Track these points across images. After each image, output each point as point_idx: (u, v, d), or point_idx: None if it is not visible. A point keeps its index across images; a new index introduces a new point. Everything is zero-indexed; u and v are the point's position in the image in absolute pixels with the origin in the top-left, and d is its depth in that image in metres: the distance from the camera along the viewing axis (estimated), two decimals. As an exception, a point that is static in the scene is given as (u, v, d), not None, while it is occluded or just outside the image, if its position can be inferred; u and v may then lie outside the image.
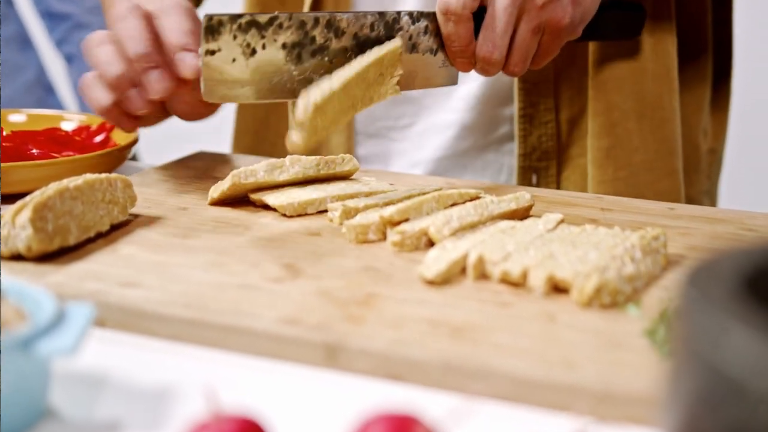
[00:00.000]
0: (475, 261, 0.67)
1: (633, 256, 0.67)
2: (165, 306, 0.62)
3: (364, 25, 0.80)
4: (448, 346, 0.57)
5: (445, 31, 0.83)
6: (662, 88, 1.01)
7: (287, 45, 0.77)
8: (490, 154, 1.06)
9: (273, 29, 0.76)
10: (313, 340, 0.58)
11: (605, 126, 0.99)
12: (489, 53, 0.82)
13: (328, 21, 0.78)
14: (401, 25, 0.81)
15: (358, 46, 0.79)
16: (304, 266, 0.69)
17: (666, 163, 1.02)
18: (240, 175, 0.77)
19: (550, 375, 0.53)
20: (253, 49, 0.75)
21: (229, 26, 0.74)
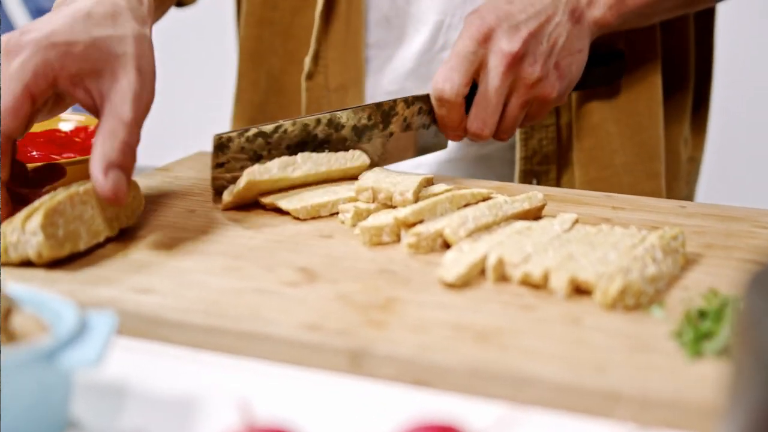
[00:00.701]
0: (495, 263, 0.66)
1: (654, 256, 0.66)
2: (182, 313, 0.61)
3: (362, 117, 0.85)
4: (475, 351, 0.56)
5: (439, 114, 0.88)
6: (638, 94, 1.01)
7: (291, 146, 0.81)
8: (492, 159, 1.06)
9: (278, 136, 0.80)
10: (337, 346, 0.57)
11: (586, 128, 1.00)
12: (480, 130, 0.88)
13: (329, 120, 0.83)
14: (396, 111, 0.86)
15: (357, 135, 0.85)
16: (319, 270, 0.68)
17: (646, 167, 1.02)
18: (254, 173, 0.76)
19: (583, 380, 0.53)
20: (260, 156, 0.80)
21: (237, 141, 0.78)
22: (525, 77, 0.85)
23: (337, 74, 1.03)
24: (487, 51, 0.84)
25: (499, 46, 0.84)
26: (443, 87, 0.85)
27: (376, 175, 0.81)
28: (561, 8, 0.87)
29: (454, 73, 0.84)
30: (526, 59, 0.84)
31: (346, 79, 1.03)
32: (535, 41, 0.85)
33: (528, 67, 0.85)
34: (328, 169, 0.80)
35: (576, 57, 0.88)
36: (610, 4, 0.89)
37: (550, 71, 0.86)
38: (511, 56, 0.84)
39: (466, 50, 0.84)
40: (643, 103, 1.01)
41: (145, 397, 0.54)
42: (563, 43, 0.86)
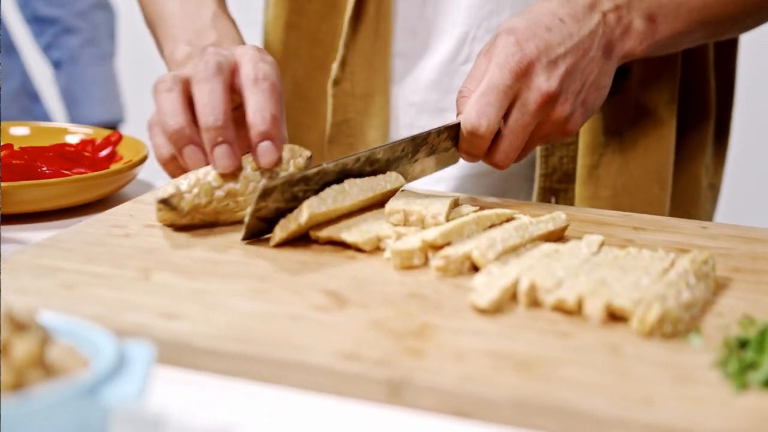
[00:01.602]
0: (527, 288, 0.65)
1: (687, 281, 0.65)
2: (214, 340, 0.59)
3: (396, 150, 0.82)
4: (518, 382, 0.55)
5: (467, 146, 0.84)
6: (646, 120, 1.00)
7: (325, 184, 0.77)
8: (511, 175, 1.04)
9: (318, 177, 0.77)
10: (376, 376, 0.56)
11: (590, 145, 0.99)
12: (501, 162, 0.85)
13: (367, 158, 0.80)
14: (428, 141, 0.84)
15: (387, 165, 0.82)
16: (348, 294, 0.66)
17: (647, 191, 1.01)
18: (313, 206, 0.73)
19: (631, 413, 0.52)
20: (295, 197, 0.76)
21: (281, 188, 0.74)
22: (554, 116, 0.83)
23: (364, 81, 1.02)
24: (522, 86, 0.81)
25: (536, 83, 0.81)
26: (479, 123, 0.81)
27: (406, 198, 0.80)
28: (597, 41, 0.84)
29: (490, 108, 0.81)
30: (559, 98, 0.83)
31: (372, 86, 1.02)
32: (570, 79, 0.83)
33: (559, 106, 0.83)
34: (373, 194, 0.79)
35: (601, 92, 0.86)
36: (642, 38, 0.87)
37: (577, 108, 0.85)
38: (547, 95, 0.81)
39: (504, 84, 0.81)
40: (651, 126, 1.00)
41: (182, 428, 0.52)
42: (593, 79, 0.85)
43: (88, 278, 0.68)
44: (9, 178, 0.87)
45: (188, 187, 0.76)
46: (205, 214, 0.78)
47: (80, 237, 0.76)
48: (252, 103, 0.78)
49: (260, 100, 0.78)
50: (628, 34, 0.86)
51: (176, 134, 0.77)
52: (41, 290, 0.66)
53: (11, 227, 0.86)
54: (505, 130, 0.83)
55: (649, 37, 0.87)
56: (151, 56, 1.10)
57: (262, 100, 0.78)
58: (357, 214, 0.79)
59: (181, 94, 0.78)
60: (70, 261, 0.71)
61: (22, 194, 0.85)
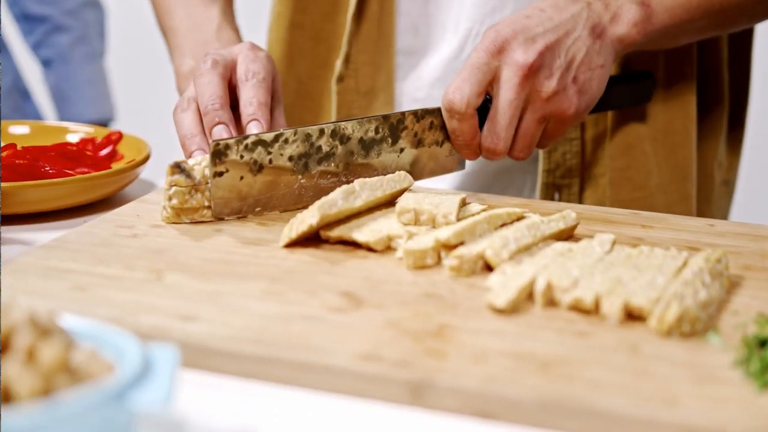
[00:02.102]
0: (544, 288, 0.65)
1: (703, 280, 0.65)
2: (233, 342, 0.59)
3: (369, 129, 0.83)
4: (541, 383, 0.54)
5: (450, 127, 0.86)
6: (674, 113, 1.00)
7: (294, 157, 0.80)
8: (514, 171, 1.04)
9: (279, 145, 0.79)
10: (398, 377, 0.55)
11: (621, 147, 0.99)
12: (494, 145, 0.85)
13: (333, 130, 0.81)
14: (405, 124, 0.84)
15: (364, 149, 0.83)
16: (363, 294, 0.66)
17: (680, 188, 1.02)
18: (324, 207, 0.73)
19: (656, 413, 0.52)
20: (260, 165, 0.78)
21: (235, 148, 0.77)
22: (540, 90, 0.83)
23: (368, 78, 1.02)
24: (501, 63, 0.82)
25: (513, 58, 0.82)
26: (453, 97, 0.82)
27: (415, 197, 0.79)
28: (581, 24, 0.85)
29: (464, 83, 0.82)
30: (541, 72, 0.82)
31: (376, 83, 1.02)
32: (551, 54, 0.83)
33: (544, 80, 0.83)
34: (383, 194, 0.78)
35: (596, 72, 0.86)
36: (635, 22, 0.87)
37: (567, 85, 0.84)
38: (525, 68, 0.82)
39: (479, 61, 0.82)
40: (679, 122, 1.00)
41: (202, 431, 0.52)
42: (582, 58, 0.84)
43: (99, 280, 0.68)
44: (12, 178, 0.86)
45: (198, 161, 0.79)
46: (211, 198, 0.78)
47: (87, 238, 0.76)
48: (243, 96, 0.86)
49: (249, 92, 0.86)
50: (618, 19, 0.86)
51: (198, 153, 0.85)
52: (52, 293, 0.65)
53: (13, 228, 0.85)
54: (491, 110, 0.84)
55: (646, 22, 0.87)
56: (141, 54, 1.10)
57: (252, 92, 0.86)
58: (366, 214, 0.79)
59: (195, 113, 0.86)
60: (79, 262, 0.71)
61: (26, 194, 0.84)
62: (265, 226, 0.80)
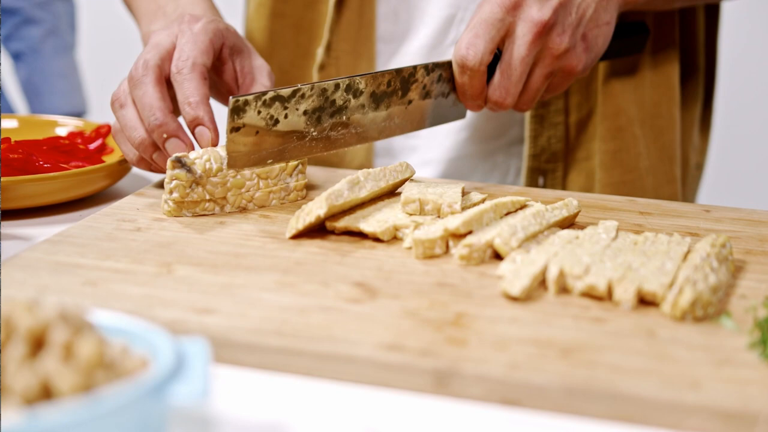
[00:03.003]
0: (557, 276, 0.65)
1: (711, 265, 0.66)
2: (254, 334, 0.59)
3: (382, 83, 0.83)
4: (564, 369, 0.55)
5: (460, 81, 0.85)
6: (660, 96, 1.02)
7: (308, 111, 0.79)
8: (499, 156, 1.05)
9: (295, 100, 0.78)
10: (423, 366, 0.55)
11: (612, 129, 1.00)
12: (502, 98, 0.86)
13: (347, 85, 0.81)
14: (416, 77, 0.84)
15: (374, 102, 0.83)
16: (376, 285, 0.66)
17: (667, 171, 1.03)
18: (331, 197, 0.73)
19: (680, 396, 0.52)
20: (276, 120, 0.78)
21: (253, 104, 0.76)
22: (552, 47, 0.83)
23: (348, 66, 1.01)
24: (515, 19, 0.82)
25: (529, 14, 0.82)
26: (466, 54, 0.82)
27: (418, 187, 0.80)
28: None
29: (478, 39, 0.82)
30: (554, 29, 0.83)
31: (356, 71, 1.02)
32: (564, 11, 0.83)
33: (556, 36, 0.83)
34: (386, 184, 0.79)
35: (603, 29, 0.87)
36: None
37: (577, 42, 0.84)
38: (541, 25, 0.82)
39: (493, 17, 0.82)
40: (665, 105, 1.01)
41: (229, 425, 0.52)
42: (591, 15, 0.85)
43: (109, 274, 0.67)
44: (7, 173, 0.85)
45: (199, 155, 0.78)
46: (214, 186, 0.78)
47: (91, 232, 0.75)
48: (178, 95, 0.82)
49: (183, 89, 0.82)
50: None
51: (141, 146, 0.82)
52: (64, 288, 0.65)
53: (9, 223, 0.84)
54: (501, 64, 0.84)
55: None
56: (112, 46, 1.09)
57: (184, 88, 0.82)
58: (369, 204, 0.79)
59: (134, 107, 0.83)
60: (86, 257, 0.70)
61: (22, 189, 0.83)
62: (268, 218, 0.80)
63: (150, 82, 0.81)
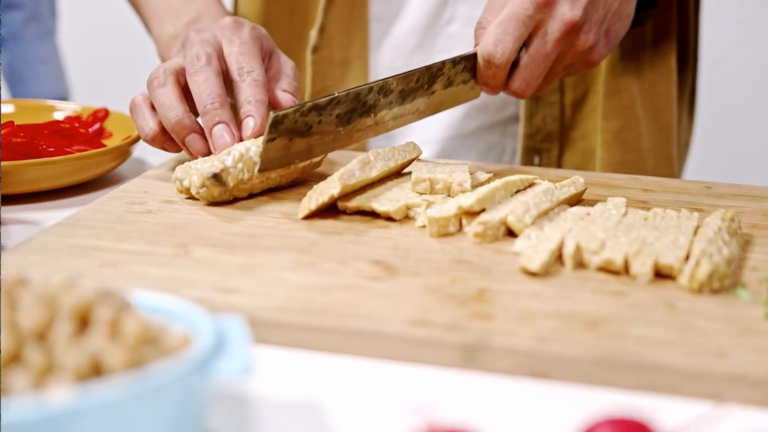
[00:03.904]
0: (573, 251, 0.66)
1: (723, 238, 0.67)
2: (281, 313, 0.59)
3: (411, 80, 0.83)
4: (592, 341, 0.56)
5: (484, 74, 0.85)
6: (659, 76, 1.03)
7: (341, 114, 0.80)
8: (495, 135, 1.06)
9: (330, 107, 0.79)
10: (452, 341, 0.56)
11: (616, 108, 1.01)
12: (521, 90, 0.86)
13: (380, 87, 0.81)
14: (443, 72, 0.84)
15: (401, 97, 0.83)
16: (395, 263, 0.67)
17: (665, 150, 1.04)
18: (344, 177, 0.73)
19: (708, 365, 0.54)
20: (310, 126, 0.78)
21: (291, 117, 0.77)
22: (578, 44, 0.83)
23: (342, 48, 1.01)
24: (545, 16, 0.81)
25: (560, 12, 0.81)
26: (494, 51, 0.82)
27: (426, 166, 0.80)
28: None
29: (507, 36, 0.81)
30: (582, 27, 0.82)
31: (350, 53, 1.02)
32: (593, 8, 0.83)
33: (583, 35, 0.83)
34: (395, 164, 0.79)
35: (624, 22, 0.87)
36: None
37: (600, 38, 0.85)
38: (571, 24, 0.81)
39: (524, 13, 0.81)
40: (663, 84, 1.02)
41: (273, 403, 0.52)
42: (615, 9, 0.85)
43: (127, 256, 0.67)
44: (10, 156, 0.84)
45: (233, 163, 0.77)
46: (240, 191, 0.78)
47: (102, 215, 0.75)
48: (241, 95, 0.82)
49: (246, 92, 0.82)
50: None
51: (177, 125, 0.81)
52: (84, 270, 0.64)
53: (13, 207, 0.83)
54: (525, 58, 0.84)
55: None
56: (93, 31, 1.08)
57: (249, 91, 0.82)
58: (379, 184, 0.80)
59: (174, 86, 0.83)
60: (101, 239, 0.70)
61: (27, 173, 0.82)
62: (278, 199, 0.80)
63: (213, 72, 0.82)
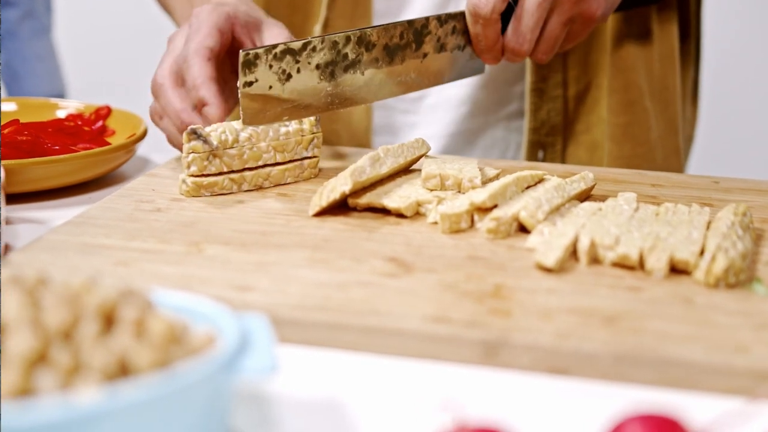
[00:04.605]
0: (588, 246, 0.66)
1: (736, 233, 0.67)
2: (298, 310, 0.58)
3: (394, 35, 0.82)
4: (611, 337, 0.56)
5: (474, 31, 0.84)
6: (666, 69, 1.03)
7: (321, 65, 0.79)
8: (499, 131, 1.06)
9: (307, 53, 0.78)
10: (472, 337, 0.56)
11: (623, 103, 1.01)
12: (518, 46, 0.84)
13: (359, 37, 0.81)
14: (429, 29, 0.84)
15: (389, 56, 0.82)
16: (409, 259, 0.66)
17: (672, 142, 1.04)
18: (355, 174, 0.73)
19: (730, 360, 0.53)
20: (289, 74, 0.78)
21: (264, 57, 0.76)
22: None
23: None
24: None
25: None
26: (478, 2, 0.81)
27: (436, 162, 0.80)
28: None
29: None
30: None
31: None
32: None
33: None
34: (404, 160, 0.79)
35: None
36: None
37: None
38: None
39: None
40: (670, 77, 1.02)
41: (296, 403, 0.52)
42: None
43: (139, 255, 0.66)
44: (15, 155, 0.84)
45: (214, 128, 0.78)
46: (231, 158, 0.78)
47: (111, 213, 0.74)
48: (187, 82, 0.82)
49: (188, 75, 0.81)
50: None
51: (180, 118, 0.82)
52: (97, 268, 0.64)
53: (18, 206, 0.82)
54: (517, 10, 0.82)
55: None
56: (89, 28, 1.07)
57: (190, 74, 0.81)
58: (388, 180, 0.79)
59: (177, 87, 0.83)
60: (112, 238, 0.69)
61: (33, 172, 0.82)
62: (286, 196, 0.80)
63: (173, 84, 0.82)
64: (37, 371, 0.40)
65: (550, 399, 0.53)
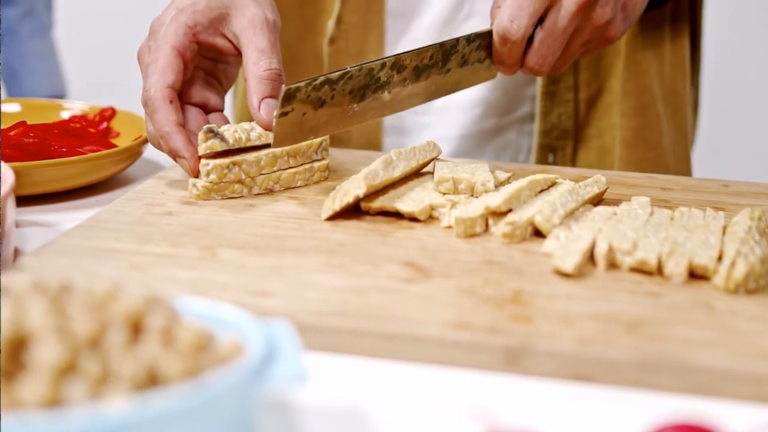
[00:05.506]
0: (606, 251, 0.66)
1: (754, 238, 0.67)
2: (317, 316, 0.58)
3: (425, 57, 0.82)
4: (634, 343, 0.56)
5: (500, 51, 0.84)
6: (677, 73, 1.03)
7: (354, 90, 0.79)
8: (510, 134, 1.05)
9: (343, 82, 0.78)
10: (493, 344, 0.55)
11: (636, 107, 1.00)
12: (538, 66, 0.84)
13: (393, 63, 0.80)
14: (458, 49, 0.84)
15: (416, 75, 0.82)
16: (426, 264, 0.66)
17: (682, 148, 1.04)
18: (369, 177, 0.72)
19: (754, 366, 0.53)
20: (323, 101, 0.77)
21: (304, 90, 0.75)
22: (595, 19, 0.82)
23: (358, 40, 1.00)
24: None
25: None
26: (510, 26, 0.81)
27: (448, 166, 0.80)
28: None
29: (522, 12, 0.80)
30: (599, 1, 0.81)
31: (366, 45, 1.01)
32: None
33: (599, 9, 0.82)
34: (416, 164, 0.78)
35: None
36: None
37: (617, 13, 0.84)
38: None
39: None
40: (680, 82, 1.02)
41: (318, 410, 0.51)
42: None
43: (153, 259, 0.66)
44: (22, 157, 0.83)
45: (227, 128, 0.78)
46: (249, 165, 0.78)
47: (122, 217, 0.73)
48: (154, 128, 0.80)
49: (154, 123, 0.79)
50: None
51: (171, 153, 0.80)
52: (110, 273, 0.63)
53: (26, 209, 0.81)
54: (541, 34, 0.82)
55: None
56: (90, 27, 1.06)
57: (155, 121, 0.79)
58: (400, 184, 0.79)
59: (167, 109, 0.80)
60: (123, 242, 0.68)
61: (39, 174, 0.81)
62: (296, 199, 0.79)
63: None
64: (66, 381, 0.40)
65: (576, 406, 0.53)
